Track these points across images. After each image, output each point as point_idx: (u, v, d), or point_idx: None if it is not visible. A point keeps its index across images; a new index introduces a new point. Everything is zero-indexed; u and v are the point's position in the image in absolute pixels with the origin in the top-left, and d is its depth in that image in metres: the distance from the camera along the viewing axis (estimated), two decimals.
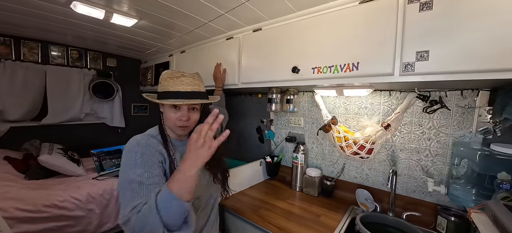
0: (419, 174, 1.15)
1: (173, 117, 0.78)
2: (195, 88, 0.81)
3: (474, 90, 0.96)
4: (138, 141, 0.75)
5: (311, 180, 1.42)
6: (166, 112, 0.80)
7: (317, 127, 1.47)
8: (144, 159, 0.71)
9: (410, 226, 1.06)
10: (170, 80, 0.79)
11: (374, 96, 1.22)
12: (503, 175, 0.84)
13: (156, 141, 0.78)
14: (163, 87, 0.79)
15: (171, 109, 0.78)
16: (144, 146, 0.73)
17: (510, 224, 0.63)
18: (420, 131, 1.12)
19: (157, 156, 0.75)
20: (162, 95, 0.78)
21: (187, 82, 0.79)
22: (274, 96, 1.39)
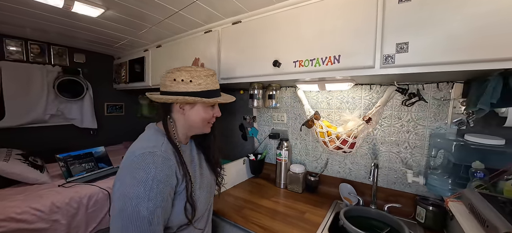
0: (399, 166, 1.17)
1: (207, 116, 0.78)
2: (218, 85, 0.82)
3: (449, 83, 0.98)
4: (154, 159, 0.63)
5: (295, 176, 1.41)
6: (197, 112, 0.76)
7: (300, 123, 1.45)
8: (160, 189, 0.61)
9: (391, 218, 1.08)
10: (208, 78, 0.76)
11: (355, 90, 1.22)
12: (477, 164, 0.87)
13: (170, 156, 0.68)
14: (201, 85, 0.74)
15: (208, 108, 0.78)
16: (161, 168, 0.63)
17: (486, 211, 0.65)
18: (400, 124, 1.13)
19: (173, 181, 0.67)
20: (206, 94, 0.75)
21: (216, 80, 0.81)
22: (256, 92, 1.34)
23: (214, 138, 0.88)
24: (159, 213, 0.61)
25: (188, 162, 0.77)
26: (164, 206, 0.63)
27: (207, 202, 0.84)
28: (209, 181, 0.86)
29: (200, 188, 0.79)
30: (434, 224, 0.99)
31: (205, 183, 0.82)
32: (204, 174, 0.85)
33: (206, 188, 0.83)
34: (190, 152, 0.84)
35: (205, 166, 0.87)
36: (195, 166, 0.82)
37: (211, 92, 0.76)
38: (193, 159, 0.83)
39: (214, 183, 0.91)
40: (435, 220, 0.99)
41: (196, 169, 0.82)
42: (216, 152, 0.89)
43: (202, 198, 0.79)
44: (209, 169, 0.88)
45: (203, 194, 0.79)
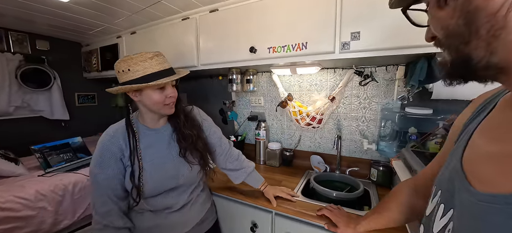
0: (358, 137, 1.40)
1: (160, 98, 0.80)
2: (169, 65, 0.83)
3: (394, 66, 1.20)
4: (103, 138, 0.80)
5: (273, 153, 1.57)
6: (149, 96, 0.79)
7: (276, 105, 1.60)
8: (102, 159, 0.78)
9: (351, 179, 1.31)
10: (145, 62, 0.77)
11: (322, 73, 1.39)
12: (412, 129, 1.11)
13: (120, 135, 0.81)
14: (139, 71, 0.76)
15: (156, 91, 0.79)
16: (105, 143, 0.79)
17: (413, 162, 0.87)
18: (358, 102, 1.34)
19: (116, 153, 0.79)
20: (146, 79, 0.76)
21: (161, 60, 0.81)
22: (235, 77, 1.45)
23: (184, 119, 0.91)
24: (103, 178, 0.77)
25: (147, 143, 0.85)
26: (107, 173, 0.78)
27: (166, 183, 0.86)
28: (174, 163, 0.88)
29: (155, 169, 0.83)
30: (383, 181, 1.24)
31: (166, 165, 0.86)
32: (168, 156, 0.88)
33: (165, 170, 0.86)
34: (160, 135, 0.89)
35: (175, 149, 0.90)
36: (158, 147, 0.87)
37: (154, 75, 0.77)
38: (161, 141, 0.88)
39: (186, 165, 0.90)
40: (383, 178, 1.24)
41: (158, 151, 0.86)
42: (190, 134, 0.90)
43: (156, 178, 0.83)
44: (180, 151, 0.90)
45: (158, 175, 0.84)
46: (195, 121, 0.97)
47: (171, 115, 0.89)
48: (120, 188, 0.81)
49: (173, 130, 0.92)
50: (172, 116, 0.91)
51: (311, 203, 1.09)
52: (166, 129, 0.92)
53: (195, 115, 1.00)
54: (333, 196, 1.13)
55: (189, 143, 0.90)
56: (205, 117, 1.05)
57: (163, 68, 0.80)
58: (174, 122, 0.92)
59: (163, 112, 0.85)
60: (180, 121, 0.90)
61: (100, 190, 0.78)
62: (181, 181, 0.90)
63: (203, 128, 1.01)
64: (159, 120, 0.90)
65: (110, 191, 0.78)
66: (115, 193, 0.79)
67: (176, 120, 0.91)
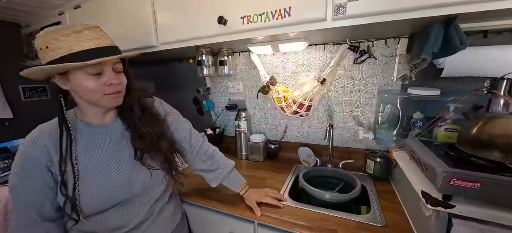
0: (351, 124, 1.22)
1: (95, 86, 0.60)
2: (109, 42, 0.63)
3: (395, 38, 1.00)
4: (24, 141, 0.62)
5: (256, 146, 1.37)
6: (79, 83, 0.60)
7: (257, 91, 1.37)
8: (22, 168, 0.60)
9: (345, 173, 1.14)
10: (68, 37, 0.56)
11: (310, 51, 1.17)
12: (418, 115, 0.93)
13: (47, 136, 0.63)
14: (62, 49, 0.56)
15: (90, 76, 0.59)
16: (25, 148, 0.61)
17: (425, 156, 0.69)
18: (352, 84, 1.15)
19: (40, 160, 0.61)
20: (67, 59, 0.56)
21: (95, 35, 0.60)
22: (205, 58, 1.19)
23: (141, 113, 0.72)
24: (21, 191, 0.61)
25: (88, 144, 0.67)
26: (28, 187, 0.61)
27: (114, 194, 0.67)
28: (127, 169, 0.70)
29: (97, 177, 0.65)
30: (380, 173, 1.08)
31: (114, 172, 0.68)
32: (118, 160, 0.69)
33: (113, 177, 0.67)
34: (107, 133, 0.70)
35: (129, 151, 0.72)
36: (104, 149, 0.68)
37: (80, 55, 0.56)
38: (108, 141, 0.69)
39: (143, 170, 0.72)
40: (381, 170, 1.07)
41: (103, 153, 0.68)
42: (149, 132, 0.72)
43: (99, 189, 0.65)
44: (136, 154, 0.72)
45: (101, 184, 0.65)
46: (156, 115, 0.77)
47: (124, 108, 0.72)
48: (49, 206, 0.63)
49: (125, 127, 0.74)
50: (125, 109, 0.72)
51: (300, 208, 0.90)
52: (116, 126, 0.73)
53: (157, 107, 0.80)
54: (326, 198, 0.95)
55: (147, 143, 0.72)
56: (169, 109, 0.86)
57: (97, 46, 0.59)
58: (127, 117, 0.73)
59: (105, 104, 0.66)
60: (134, 115, 0.71)
61: (20, 209, 0.62)
62: (137, 191, 0.71)
63: (168, 123, 0.81)
64: (105, 114, 0.71)
65: (32, 210, 0.61)
66: (40, 212, 0.62)
67: (129, 115, 0.72)
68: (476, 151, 0.62)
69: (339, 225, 0.80)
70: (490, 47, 0.78)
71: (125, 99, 0.70)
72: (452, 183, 0.57)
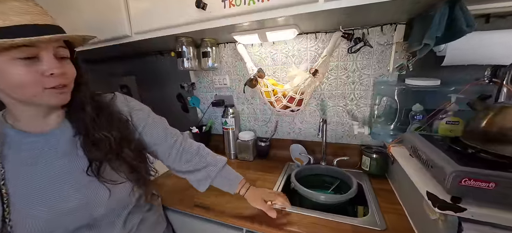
0: (346, 119, 1.14)
1: (30, 75, 0.45)
2: (50, 20, 0.48)
3: (392, 25, 0.92)
4: None
5: (245, 144, 1.28)
6: (4, 71, 0.44)
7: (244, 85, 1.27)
8: None
9: (340, 171, 1.07)
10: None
11: (301, 41, 1.08)
12: (417, 107, 0.87)
13: None
14: None
15: (18, 62, 0.44)
16: None
17: (430, 152, 0.62)
18: (346, 75, 1.07)
19: None
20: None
21: (26, 8, 0.45)
22: (185, 49, 1.08)
23: (95, 115, 0.56)
24: None
25: (23, 159, 0.51)
26: None
27: (65, 221, 0.53)
28: (80, 187, 0.55)
29: (36, 202, 0.50)
30: (377, 170, 1.01)
31: (62, 193, 0.53)
32: (67, 177, 0.54)
33: (60, 200, 0.52)
34: (50, 143, 0.54)
35: (81, 163, 0.56)
36: (46, 164, 0.53)
37: (13, 30, 0.42)
38: (51, 152, 0.54)
39: (102, 187, 0.56)
40: (377, 167, 1.01)
41: (45, 170, 0.52)
42: (106, 138, 0.56)
43: (41, 216, 0.50)
44: (90, 166, 0.56)
45: (43, 209, 0.50)
46: (117, 115, 0.62)
47: (72, 108, 0.57)
48: None
49: (74, 133, 0.57)
50: (73, 109, 0.57)
51: (292, 212, 0.82)
52: (62, 133, 0.57)
53: (119, 105, 0.65)
54: (320, 199, 0.87)
55: (105, 152, 0.56)
56: (137, 106, 0.70)
57: (30, 22, 0.44)
58: (77, 120, 0.57)
59: (45, 102, 0.50)
60: (86, 116, 0.56)
61: None
62: (98, 215, 0.57)
63: (134, 123, 0.66)
64: (47, 117, 0.55)
65: None
66: None
67: (79, 116, 0.57)
68: (486, 146, 0.55)
69: (334, 230, 0.72)
70: (497, 32, 0.71)
71: (74, 97, 0.55)
72: (463, 184, 0.49)
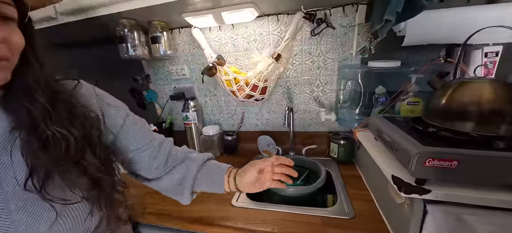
0: (313, 106, 1.11)
1: None
2: None
3: (353, 5, 0.89)
4: None
5: (210, 139, 1.18)
6: None
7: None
8: None
9: (308, 160, 1.03)
10: None
11: (262, 24, 1.00)
12: (380, 89, 0.85)
13: None
14: None
15: None
16: None
17: (394, 135, 0.59)
18: (310, 60, 1.02)
19: None
20: None
21: None
22: (128, 34, 0.92)
23: (47, 102, 0.39)
24: None
25: None
26: None
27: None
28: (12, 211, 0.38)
29: None
30: (344, 157, 1.00)
31: None
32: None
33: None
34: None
35: (17, 173, 0.38)
36: None
37: None
38: None
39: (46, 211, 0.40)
40: (345, 153, 0.99)
41: None
42: (63, 137, 0.40)
43: None
44: (30, 179, 0.38)
45: None
46: (81, 109, 0.44)
47: (12, 93, 0.38)
48: None
49: (11, 127, 0.38)
50: (14, 95, 0.39)
51: (260, 209, 0.76)
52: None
53: (85, 96, 0.48)
54: (290, 192, 0.82)
55: (57, 157, 0.39)
56: (111, 101, 0.53)
57: None
58: (19, 109, 0.38)
59: None
60: (35, 107, 0.38)
61: None
62: None
63: (107, 122, 0.50)
64: None
65: None
66: None
67: (23, 105, 0.38)
68: (446, 123, 0.53)
69: (302, 224, 0.68)
70: (451, 9, 0.71)
71: (17, 76, 0.38)
72: (427, 165, 0.47)
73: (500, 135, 0.49)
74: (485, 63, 0.76)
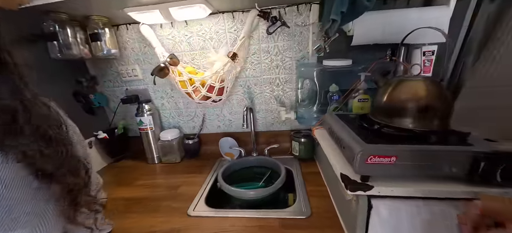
0: (274, 105, 1.10)
1: None
2: None
3: (307, 4, 0.89)
4: None
5: (169, 144, 1.10)
6: None
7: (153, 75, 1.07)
8: None
9: (270, 160, 1.02)
10: None
11: (218, 21, 0.95)
12: (333, 87, 0.87)
13: None
14: None
15: None
16: None
17: (340, 132, 0.60)
18: (269, 59, 1.01)
19: None
20: None
21: None
22: (60, 30, 0.80)
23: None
24: None
25: None
26: None
27: None
28: None
29: None
30: (305, 154, 1.01)
31: None
32: None
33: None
34: None
35: None
36: None
37: None
38: None
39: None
40: (305, 151, 1.01)
41: None
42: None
43: None
44: None
45: None
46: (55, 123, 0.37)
47: None
48: None
49: None
50: None
51: (219, 216, 0.72)
52: None
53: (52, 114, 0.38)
54: (251, 196, 0.80)
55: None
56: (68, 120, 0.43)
57: None
58: None
59: None
60: None
61: None
62: None
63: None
64: None
65: None
66: None
67: None
68: (389, 120, 0.56)
69: (262, 229, 0.66)
70: (392, 11, 0.75)
71: None
72: (370, 162, 0.48)
73: (433, 129, 0.52)
74: (423, 61, 0.83)
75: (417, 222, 0.49)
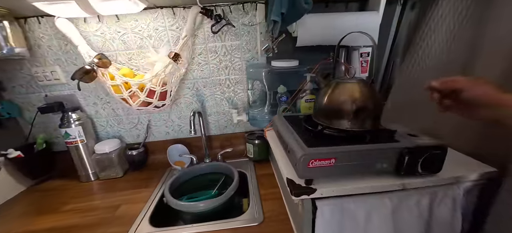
0: (226, 107, 1.06)
1: None
2: None
3: (252, 3, 0.87)
4: None
5: (107, 158, 0.96)
6: None
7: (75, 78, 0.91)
8: None
9: (223, 165, 0.97)
10: None
11: (156, 17, 0.86)
12: (281, 88, 0.87)
13: None
14: None
15: None
16: None
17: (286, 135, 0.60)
18: (217, 60, 0.96)
19: None
20: None
21: None
22: None
23: None
24: None
25: None
26: None
27: None
28: None
29: None
30: (260, 156, 1.00)
31: None
32: None
33: None
34: None
35: None
36: None
37: None
38: None
39: None
40: (260, 152, 0.99)
41: None
42: None
43: None
44: None
45: None
46: None
47: None
48: None
49: None
50: None
51: None
52: None
53: None
54: (201, 208, 0.74)
55: None
56: None
57: None
58: None
59: None
60: None
61: None
62: None
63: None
64: None
65: None
66: None
67: None
68: (328, 122, 0.57)
69: None
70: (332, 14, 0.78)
71: None
72: (311, 165, 0.48)
73: (367, 129, 0.55)
74: (361, 62, 0.89)
75: (358, 216, 0.52)
